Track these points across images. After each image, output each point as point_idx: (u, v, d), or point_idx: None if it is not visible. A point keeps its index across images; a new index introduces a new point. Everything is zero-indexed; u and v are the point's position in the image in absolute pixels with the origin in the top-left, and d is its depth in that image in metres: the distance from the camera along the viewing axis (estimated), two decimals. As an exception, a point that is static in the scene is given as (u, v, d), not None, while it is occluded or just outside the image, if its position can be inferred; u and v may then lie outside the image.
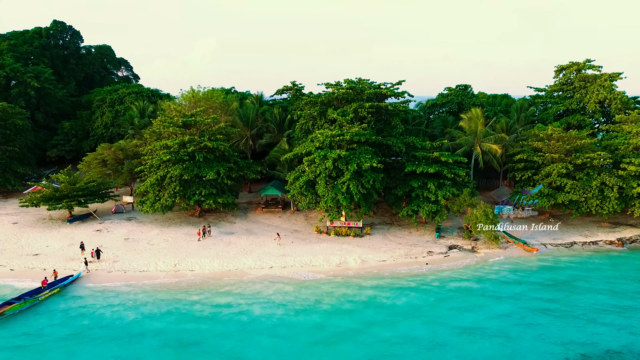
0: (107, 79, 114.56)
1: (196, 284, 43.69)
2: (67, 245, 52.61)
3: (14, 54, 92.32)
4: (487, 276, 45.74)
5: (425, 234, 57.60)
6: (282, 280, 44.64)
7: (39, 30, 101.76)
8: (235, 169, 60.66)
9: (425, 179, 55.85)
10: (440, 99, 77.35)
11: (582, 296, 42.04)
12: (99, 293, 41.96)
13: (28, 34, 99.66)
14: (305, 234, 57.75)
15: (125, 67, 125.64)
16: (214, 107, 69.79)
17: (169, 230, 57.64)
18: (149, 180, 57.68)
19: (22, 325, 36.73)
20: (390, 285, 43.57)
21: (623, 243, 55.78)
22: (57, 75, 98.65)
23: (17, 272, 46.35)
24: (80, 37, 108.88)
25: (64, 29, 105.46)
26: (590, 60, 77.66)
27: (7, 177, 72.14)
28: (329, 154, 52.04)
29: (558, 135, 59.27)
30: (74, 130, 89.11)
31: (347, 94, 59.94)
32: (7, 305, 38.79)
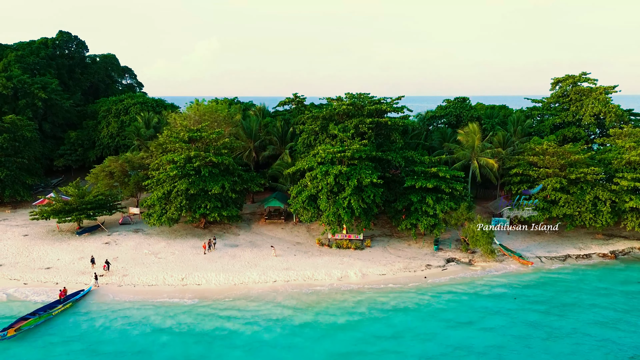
0: (111, 88, 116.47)
1: (203, 298, 45.39)
2: (78, 259, 54.43)
3: (21, 65, 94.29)
4: (482, 292, 47.42)
5: (424, 246, 59.36)
6: (284, 295, 46.28)
7: (45, 40, 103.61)
8: (239, 182, 62.47)
9: (424, 193, 57.57)
10: (439, 111, 79.13)
11: (575, 312, 43.65)
12: (110, 308, 43.71)
13: (34, 44, 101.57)
14: (307, 246, 59.53)
15: (130, 75, 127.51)
16: (218, 120, 71.53)
17: (175, 243, 59.46)
18: (155, 194, 59.47)
19: (38, 341, 38.51)
20: (388, 302, 45.25)
21: (616, 256, 57.49)
22: (63, 85, 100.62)
23: (30, 285, 48.14)
24: (85, 46, 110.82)
25: (70, 39, 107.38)
26: (586, 73, 79.57)
27: (16, 188, 74.02)
28: (330, 169, 53.81)
29: (553, 150, 60.98)
30: (80, 140, 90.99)
31: (348, 110, 61.69)
32: (22, 321, 40.59)
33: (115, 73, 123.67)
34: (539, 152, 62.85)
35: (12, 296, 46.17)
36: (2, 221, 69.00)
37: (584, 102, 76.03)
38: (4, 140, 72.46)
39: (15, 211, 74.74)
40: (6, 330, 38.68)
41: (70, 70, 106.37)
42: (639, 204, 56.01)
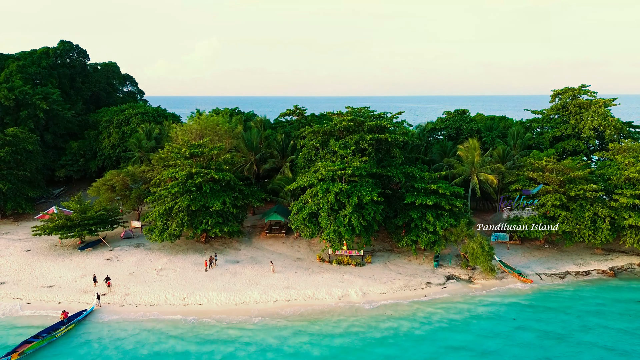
0: (113, 96, 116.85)
1: (205, 321, 45.66)
2: (80, 276, 54.79)
3: (23, 75, 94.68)
4: (481, 313, 47.69)
5: (424, 262, 59.68)
6: (285, 317, 46.53)
7: (46, 50, 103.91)
8: (240, 197, 62.80)
9: (424, 209, 57.90)
10: (439, 124, 79.46)
11: (573, 335, 43.98)
12: (113, 330, 44.01)
13: (36, 54, 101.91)
14: (308, 262, 59.88)
15: (131, 83, 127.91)
16: (219, 134, 71.89)
17: (176, 259, 59.81)
18: (157, 210, 59.80)
19: (42, 365, 38.90)
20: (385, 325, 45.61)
21: (615, 273, 57.80)
22: (64, 95, 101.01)
23: (33, 305, 48.49)
24: (86, 55, 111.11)
25: (71, 49, 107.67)
26: (586, 85, 79.97)
27: (18, 201, 74.35)
28: (331, 187, 54.12)
29: (552, 166, 61.26)
30: (82, 151, 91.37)
31: (348, 126, 62.02)
32: (26, 344, 40.96)
33: (116, 81, 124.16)
34: (539, 168, 63.17)
35: (15, 316, 46.56)
36: (5, 235, 69.42)
37: (583, 115, 76.35)
38: (6, 153, 72.74)
39: (17, 224, 75.15)
40: (10, 354, 39.09)
41: (71, 80, 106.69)
42: (638, 221, 56.26)
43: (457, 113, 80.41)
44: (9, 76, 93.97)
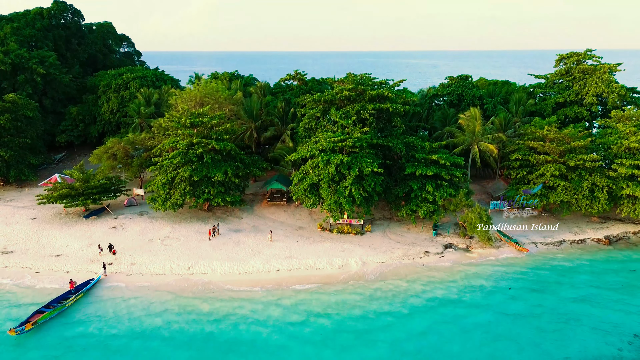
0: (109, 58, 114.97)
1: (210, 290, 47.13)
2: (86, 245, 56.00)
3: (18, 37, 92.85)
4: (478, 282, 49.09)
5: (423, 231, 60.80)
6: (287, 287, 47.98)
7: (40, 10, 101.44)
8: (241, 167, 63.20)
9: (424, 179, 58.45)
10: (441, 90, 78.74)
11: (567, 303, 45.60)
12: (121, 299, 45.52)
13: (30, 15, 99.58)
14: (309, 231, 60.98)
15: (127, 44, 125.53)
16: (219, 101, 71.40)
17: (180, 228, 60.88)
18: (159, 180, 60.31)
19: (54, 336, 40.39)
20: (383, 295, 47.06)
21: (610, 241, 59.01)
22: (60, 57, 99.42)
23: (42, 275, 49.88)
24: (81, 15, 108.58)
25: (65, 9, 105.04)
26: (591, 50, 78.65)
27: (21, 168, 74.77)
28: (332, 158, 54.44)
29: (553, 135, 61.27)
30: (81, 116, 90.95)
31: (349, 95, 61.58)
32: (39, 314, 42.48)
33: (112, 41, 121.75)
34: (539, 137, 63.20)
35: (26, 286, 47.98)
36: (9, 202, 70.33)
37: (587, 81, 75.49)
38: (6, 120, 72.53)
39: (21, 190, 75.95)
40: (24, 324, 40.62)
41: (67, 41, 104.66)
42: (635, 191, 56.90)
43: (459, 79, 79.53)
44: (3, 39, 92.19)
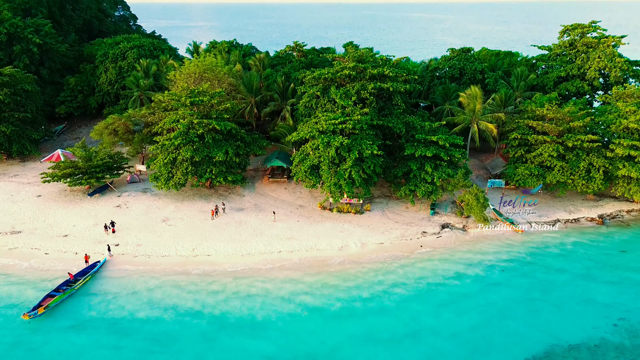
0: (105, 24, 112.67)
1: (215, 272, 48.87)
2: (92, 225, 57.37)
3: (11, 5, 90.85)
4: (472, 264, 50.85)
5: (421, 210, 62.07)
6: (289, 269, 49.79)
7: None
8: (242, 146, 63.72)
9: (423, 160, 59.17)
10: (443, 63, 78.01)
11: (558, 286, 47.53)
12: (129, 282, 47.35)
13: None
14: (310, 210, 62.26)
15: (122, 7, 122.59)
16: (219, 77, 70.96)
17: (183, 206, 62.09)
18: (160, 159, 60.92)
19: (66, 320, 42.38)
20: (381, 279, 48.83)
21: (603, 220, 60.45)
22: (55, 24, 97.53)
23: (51, 256, 51.52)
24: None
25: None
26: (596, 21, 77.42)
27: (23, 143, 75.17)
28: (332, 141, 54.93)
29: (552, 115, 61.47)
30: (80, 86, 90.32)
31: (349, 74, 61.27)
32: (49, 298, 44.33)
33: (107, 4, 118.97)
34: (539, 116, 63.40)
35: (37, 268, 49.66)
36: (14, 178, 71.27)
37: (590, 54, 74.74)
38: (6, 95, 72.24)
39: (24, 165, 76.73)
40: (36, 309, 42.53)
41: (61, 7, 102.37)
42: (631, 171, 57.79)
43: (461, 51, 78.63)
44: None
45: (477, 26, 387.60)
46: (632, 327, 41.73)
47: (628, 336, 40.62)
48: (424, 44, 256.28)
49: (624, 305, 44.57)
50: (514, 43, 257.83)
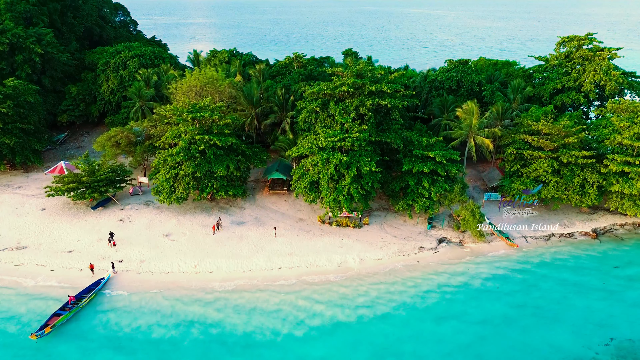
0: (106, 30, 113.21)
1: (216, 290, 50.14)
2: (97, 240, 58.55)
3: (13, 14, 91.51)
4: (468, 281, 52.17)
5: (418, 223, 63.25)
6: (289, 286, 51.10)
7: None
8: (243, 160, 64.82)
9: (421, 175, 60.30)
10: (441, 75, 78.91)
11: (551, 303, 48.88)
12: (132, 300, 48.62)
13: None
14: (309, 223, 63.44)
15: (123, 12, 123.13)
16: (220, 90, 71.93)
17: (185, 220, 63.24)
18: (163, 174, 61.97)
19: (72, 339, 43.69)
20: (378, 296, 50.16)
21: (597, 234, 61.69)
22: (56, 32, 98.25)
23: (57, 273, 52.73)
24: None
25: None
26: (592, 34, 78.27)
27: (26, 154, 76.13)
28: (331, 157, 56.01)
29: (548, 130, 62.54)
30: (82, 95, 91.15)
31: (348, 90, 62.21)
32: (56, 317, 45.60)
33: (107, 10, 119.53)
34: (534, 131, 64.47)
35: (43, 285, 50.89)
36: (18, 190, 72.29)
37: (586, 67, 75.70)
38: (9, 107, 73.08)
39: (27, 175, 77.75)
40: (43, 328, 43.83)
41: (62, 14, 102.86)
42: (624, 187, 58.94)
43: (459, 63, 79.54)
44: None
45: (476, 22, 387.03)
46: (622, 346, 43.08)
47: (619, 356, 41.94)
48: (421, 43, 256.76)
49: (616, 324, 45.90)
50: (511, 42, 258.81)
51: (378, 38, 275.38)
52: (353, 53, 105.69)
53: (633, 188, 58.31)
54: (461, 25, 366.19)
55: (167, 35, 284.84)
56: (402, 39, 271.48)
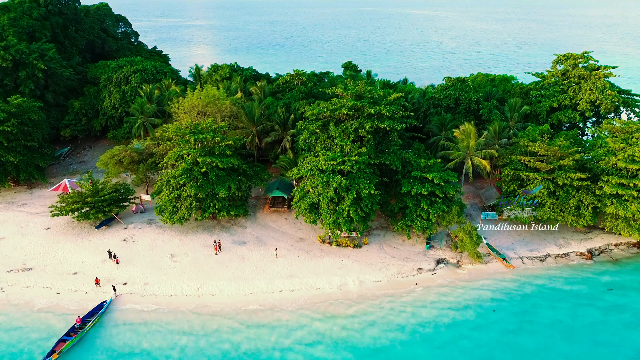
0: (108, 43, 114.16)
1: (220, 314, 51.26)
2: (101, 262, 59.68)
3: (16, 29, 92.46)
4: (465, 304, 53.31)
5: (417, 244, 64.38)
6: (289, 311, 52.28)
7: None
8: (244, 181, 65.98)
9: (419, 196, 61.44)
10: (439, 92, 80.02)
11: (545, 328, 50.07)
12: (136, 323, 49.70)
13: (26, 3, 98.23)
14: (310, 243, 64.60)
15: (124, 24, 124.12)
16: (221, 109, 73.07)
17: (187, 239, 64.36)
18: (165, 194, 63.09)
19: (81, 365, 44.90)
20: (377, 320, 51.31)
21: (592, 255, 62.90)
22: (59, 46, 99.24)
23: (62, 296, 53.83)
24: (77, 0, 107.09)
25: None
26: (588, 52, 79.41)
27: (30, 171, 77.24)
28: (331, 180, 57.14)
29: (544, 152, 63.67)
30: (84, 110, 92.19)
31: (348, 113, 63.27)
32: (62, 343, 46.65)
33: (109, 21, 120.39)
34: (531, 152, 65.61)
35: (49, 308, 51.96)
36: (22, 207, 73.40)
37: (582, 85, 76.85)
38: (13, 126, 74.08)
39: (31, 192, 78.84)
40: (50, 355, 44.94)
41: (64, 28, 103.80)
42: (619, 209, 60.10)
43: (457, 81, 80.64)
44: (0, 31, 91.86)
45: (475, 24, 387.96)
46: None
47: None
48: (418, 47, 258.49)
49: (607, 352, 47.03)
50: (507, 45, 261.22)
51: (376, 42, 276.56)
52: (353, 66, 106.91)
53: (627, 210, 59.48)
54: (459, 27, 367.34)
55: (167, 38, 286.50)
56: (400, 43, 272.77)
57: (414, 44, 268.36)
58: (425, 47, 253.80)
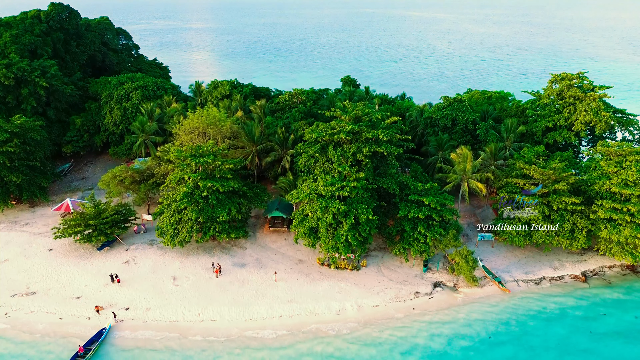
0: (109, 57, 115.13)
1: (219, 341, 52.29)
2: (103, 286, 60.67)
3: (18, 46, 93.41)
4: (461, 329, 54.38)
5: (414, 266, 65.46)
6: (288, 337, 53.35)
7: (37, 13, 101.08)
8: (244, 203, 67.01)
9: (416, 220, 62.52)
10: (436, 112, 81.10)
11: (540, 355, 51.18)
12: (139, 350, 50.71)
13: (27, 20, 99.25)
14: (309, 265, 65.64)
15: (125, 37, 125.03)
16: (222, 131, 74.10)
17: (188, 262, 65.39)
18: (167, 217, 64.10)
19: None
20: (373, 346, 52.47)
21: (586, 278, 64.05)
22: (60, 61, 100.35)
23: (66, 321, 54.85)
24: (78, 16, 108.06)
25: (62, 10, 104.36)
26: (583, 72, 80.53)
27: (32, 190, 78.18)
28: (329, 206, 58.19)
29: (539, 176, 64.74)
30: (86, 126, 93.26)
31: (346, 137, 64.32)
32: (68, 372, 47.78)
33: (110, 34, 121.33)
34: (526, 175, 66.69)
35: (52, 334, 52.99)
36: (25, 227, 74.36)
37: (577, 106, 77.95)
38: (16, 146, 74.99)
39: (34, 211, 79.79)
40: (56, 384, 45.95)
41: (65, 43, 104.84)
42: (612, 234, 61.22)
43: (454, 101, 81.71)
44: (3, 48, 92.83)
45: (473, 27, 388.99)
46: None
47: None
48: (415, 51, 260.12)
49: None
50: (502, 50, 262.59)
51: (374, 48, 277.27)
52: (352, 81, 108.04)
53: (620, 235, 60.60)
54: (456, 30, 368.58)
55: (165, 42, 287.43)
56: (398, 48, 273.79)
57: (411, 50, 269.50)
58: (423, 53, 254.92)
